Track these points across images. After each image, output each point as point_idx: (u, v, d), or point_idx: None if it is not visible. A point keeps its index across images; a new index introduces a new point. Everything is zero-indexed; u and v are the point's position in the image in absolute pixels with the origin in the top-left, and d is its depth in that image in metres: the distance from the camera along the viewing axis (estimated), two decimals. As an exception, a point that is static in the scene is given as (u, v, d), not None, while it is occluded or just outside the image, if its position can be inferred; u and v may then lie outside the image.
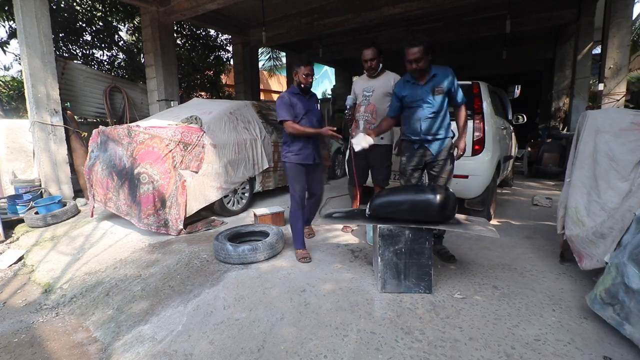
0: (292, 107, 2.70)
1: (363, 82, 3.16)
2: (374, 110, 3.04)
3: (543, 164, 6.37)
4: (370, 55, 2.96)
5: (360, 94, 3.13)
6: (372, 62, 2.97)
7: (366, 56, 2.97)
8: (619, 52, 4.37)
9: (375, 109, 3.04)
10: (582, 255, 2.18)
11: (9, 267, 2.99)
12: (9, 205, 4.02)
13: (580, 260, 2.20)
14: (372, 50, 2.96)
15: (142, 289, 2.36)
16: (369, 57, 2.96)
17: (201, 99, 5.39)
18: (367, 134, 2.61)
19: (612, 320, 1.70)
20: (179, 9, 5.68)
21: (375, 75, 3.06)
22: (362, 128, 3.06)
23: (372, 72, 3.04)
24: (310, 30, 7.14)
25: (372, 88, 3.05)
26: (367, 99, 3.06)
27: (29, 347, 1.90)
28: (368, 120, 3.05)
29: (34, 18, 4.25)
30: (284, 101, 2.70)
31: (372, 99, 3.04)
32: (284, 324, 1.89)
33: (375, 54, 2.96)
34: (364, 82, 3.15)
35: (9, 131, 4.50)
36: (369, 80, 3.11)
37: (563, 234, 2.49)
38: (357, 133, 3.05)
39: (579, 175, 2.35)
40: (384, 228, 2.13)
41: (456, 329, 1.81)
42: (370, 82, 3.08)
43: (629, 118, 2.18)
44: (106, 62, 8.33)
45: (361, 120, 3.09)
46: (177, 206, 3.30)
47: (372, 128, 3.02)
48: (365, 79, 3.15)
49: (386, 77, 3.05)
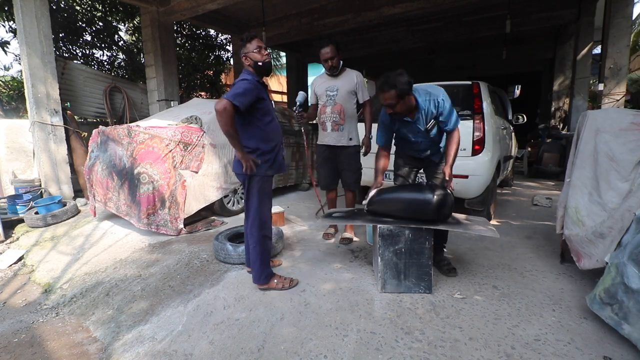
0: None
1: (324, 82, 3.00)
2: (342, 110, 2.92)
3: (543, 164, 6.37)
4: (330, 53, 2.80)
5: (323, 94, 2.97)
6: (332, 61, 2.83)
7: (326, 55, 2.81)
8: (618, 52, 4.37)
9: (342, 109, 2.91)
10: (581, 254, 2.18)
11: (9, 267, 2.99)
12: (9, 205, 4.02)
13: (578, 259, 2.20)
14: (331, 48, 2.79)
15: (142, 289, 2.36)
16: (329, 56, 2.80)
17: (201, 99, 5.39)
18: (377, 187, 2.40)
19: (611, 320, 1.70)
20: (179, 9, 5.68)
21: (337, 73, 2.93)
22: (330, 130, 2.96)
23: (334, 71, 2.90)
24: (310, 30, 7.14)
25: (335, 87, 2.91)
26: (333, 99, 2.92)
27: (29, 347, 1.90)
28: (336, 121, 2.93)
29: (34, 18, 4.25)
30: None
31: (338, 98, 2.91)
32: (284, 324, 1.89)
33: (335, 51, 2.81)
34: (325, 82, 2.99)
35: (9, 131, 4.50)
36: (330, 79, 2.96)
37: (562, 233, 2.49)
38: (325, 135, 2.98)
39: (579, 175, 2.35)
40: (384, 228, 2.13)
41: (456, 329, 1.81)
42: (333, 82, 2.94)
43: (629, 118, 2.18)
44: (106, 62, 8.33)
45: (328, 122, 2.96)
46: (177, 206, 3.30)
47: (341, 130, 2.93)
48: (327, 78, 2.99)
49: (348, 75, 2.93)
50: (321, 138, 3.08)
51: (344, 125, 2.94)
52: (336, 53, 2.82)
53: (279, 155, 2.24)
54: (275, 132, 2.22)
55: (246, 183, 2.19)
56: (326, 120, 2.98)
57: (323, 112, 3.00)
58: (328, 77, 2.99)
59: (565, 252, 2.54)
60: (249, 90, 1.99)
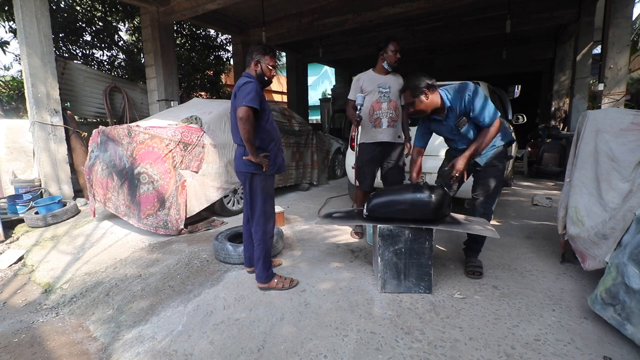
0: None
1: (376, 78, 2.94)
2: (397, 107, 2.91)
3: (543, 164, 6.37)
4: (398, 47, 2.83)
5: (375, 90, 2.91)
6: (399, 55, 2.84)
7: (396, 47, 2.82)
8: (618, 52, 4.37)
9: (397, 105, 2.91)
10: (585, 256, 2.17)
11: (9, 267, 2.99)
12: (9, 205, 4.02)
13: (583, 261, 2.20)
14: (397, 44, 2.83)
15: (142, 288, 2.36)
16: (397, 48, 2.82)
17: (201, 99, 5.37)
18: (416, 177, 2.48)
19: (613, 320, 1.69)
20: (179, 9, 5.68)
21: (391, 71, 2.93)
22: (385, 126, 2.91)
23: (396, 66, 2.89)
24: (310, 30, 7.14)
25: (388, 84, 2.89)
26: (387, 96, 2.90)
27: (29, 347, 1.90)
28: (392, 117, 2.91)
29: (33, 18, 4.25)
30: None
31: (392, 95, 2.89)
32: (284, 323, 1.89)
33: (399, 48, 2.84)
34: (377, 78, 2.93)
35: (9, 131, 4.50)
36: (381, 76, 2.93)
37: (564, 234, 2.49)
38: (378, 132, 2.92)
39: (580, 175, 2.35)
40: (384, 228, 2.13)
41: (456, 329, 1.81)
42: (385, 78, 2.91)
43: (629, 118, 2.18)
44: (106, 62, 8.33)
45: (384, 117, 2.91)
46: (177, 206, 3.30)
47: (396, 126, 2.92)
48: (377, 75, 2.95)
49: (395, 75, 2.97)
50: (372, 135, 2.97)
51: (398, 122, 2.94)
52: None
53: (279, 154, 2.26)
54: (275, 131, 2.25)
55: (248, 183, 2.19)
56: (382, 117, 2.91)
57: (378, 109, 2.92)
58: (377, 74, 2.95)
59: (566, 253, 2.54)
60: (257, 91, 2.06)
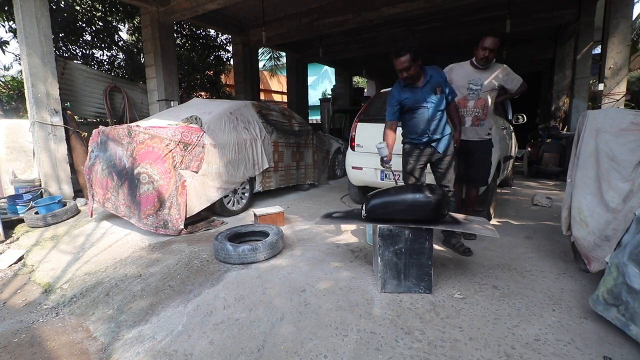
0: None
1: (469, 73, 2.84)
2: (485, 105, 2.82)
3: (543, 164, 6.38)
4: (493, 43, 2.66)
5: (464, 86, 2.83)
6: (491, 53, 2.70)
7: (489, 44, 2.66)
8: (619, 52, 4.37)
9: (486, 103, 2.82)
10: (591, 258, 2.17)
11: (9, 267, 2.99)
12: (9, 205, 4.02)
13: (589, 263, 2.19)
14: (494, 40, 2.66)
15: (142, 288, 2.36)
16: (493, 46, 2.66)
17: (201, 99, 5.38)
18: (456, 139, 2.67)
19: (617, 321, 1.69)
20: (179, 9, 5.69)
21: (486, 67, 2.81)
22: (469, 125, 2.86)
23: (483, 63, 2.77)
24: (310, 30, 7.14)
25: (480, 81, 2.80)
26: (476, 94, 2.81)
27: (29, 347, 1.90)
28: (478, 116, 2.84)
29: (33, 18, 4.25)
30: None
31: (482, 93, 2.81)
32: (284, 323, 1.89)
33: (498, 43, 2.67)
34: (470, 73, 2.84)
35: (9, 131, 4.50)
36: (475, 71, 2.82)
37: (569, 235, 2.47)
38: (463, 130, 2.84)
39: (582, 175, 2.34)
40: (384, 228, 2.13)
41: (456, 329, 1.81)
42: (478, 74, 2.81)
43: (629, 118, 2.18)
44: (106, 62, 8.33)
45: (469, 116, 2.84)
46: (177, 206, 3.29)
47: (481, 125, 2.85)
48: (470, 69, 2.84)
49: (495, 69, 2.83)
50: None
51: (485, 120, 2.85)
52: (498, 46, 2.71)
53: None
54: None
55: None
56: (466, 115, 2.87)
57: (463, 106, 2.86)
58: (472, 68, 2.85)
59: (576, 253, 2.51)
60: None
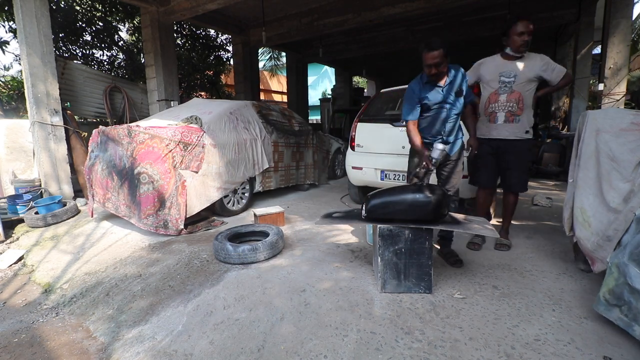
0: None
1: (500, 65, 2.59)
2: (520, 98, 2.54)
3: (543, 164, 6.37)
4: (527, 26, 2.41)
5: (494, 79, 2.60)
6: (529, 37, 2.44)
7: (523, 27, 2.42)
8: (619, 52, 4.37)
9: (521, 97, 2.54)
10: (594, 259, 2.17)
11: (9, 267, 2.99)
12: (9, 205, 4.02)
13: (592, 264, 2.19)
14: (526, 23, 2.42)
15: (142, 288, 2.36)
16: (527, 29, 2.40)
17: (201, 99, 5.38)
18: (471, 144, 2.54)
19: (620, 321, 1.68)
20: (179, 9, 5.69)
21: (520, 56, 2.55)
22: (502, 121, 2.61)
23: (523, 50, 2.52)
24: (310, 30, 7.14)
25: (513, 72, 2.54)
26: (509, 87, 2.56)
27: (29, 347, 1.90)
28: (512, 111, 2.57)
29: (33, 18, 4.25)
30: None
31: (516, 85, 2.54)
32: (284, 323, 1.89)
33: (531, 26, 2.42)
34: (501, 65, 2.58)
35: (9, 131, 4.50)
36: (507, 62, 2.56)
37: (572, 235, 2.46)
38: (492, 127, 2.66)
39: (583, 176, 2.34)
40: (384, 228, 2.13)
41: (456, 329, 1.81)
42: (511, 65, 2.55)
43: (629, 118, 2.18)
44: (106, 62, 8.33)
45: (501, 112, 2.60)
46: (177, 206, 3.30)
47: (517, 122, 2.59)
48: (502, 61, 2.60)
49: (531, 59, 2.55)
50: (485, 130, 2.71)
51: (521, 116, 2.58)
52: (532, 31, 2.48)
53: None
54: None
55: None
56: (498, 110, 2.62)
57: (494, 101, 2.63)
58: (503, 60, 2.61)
59: (577, 253, 2.51)
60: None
